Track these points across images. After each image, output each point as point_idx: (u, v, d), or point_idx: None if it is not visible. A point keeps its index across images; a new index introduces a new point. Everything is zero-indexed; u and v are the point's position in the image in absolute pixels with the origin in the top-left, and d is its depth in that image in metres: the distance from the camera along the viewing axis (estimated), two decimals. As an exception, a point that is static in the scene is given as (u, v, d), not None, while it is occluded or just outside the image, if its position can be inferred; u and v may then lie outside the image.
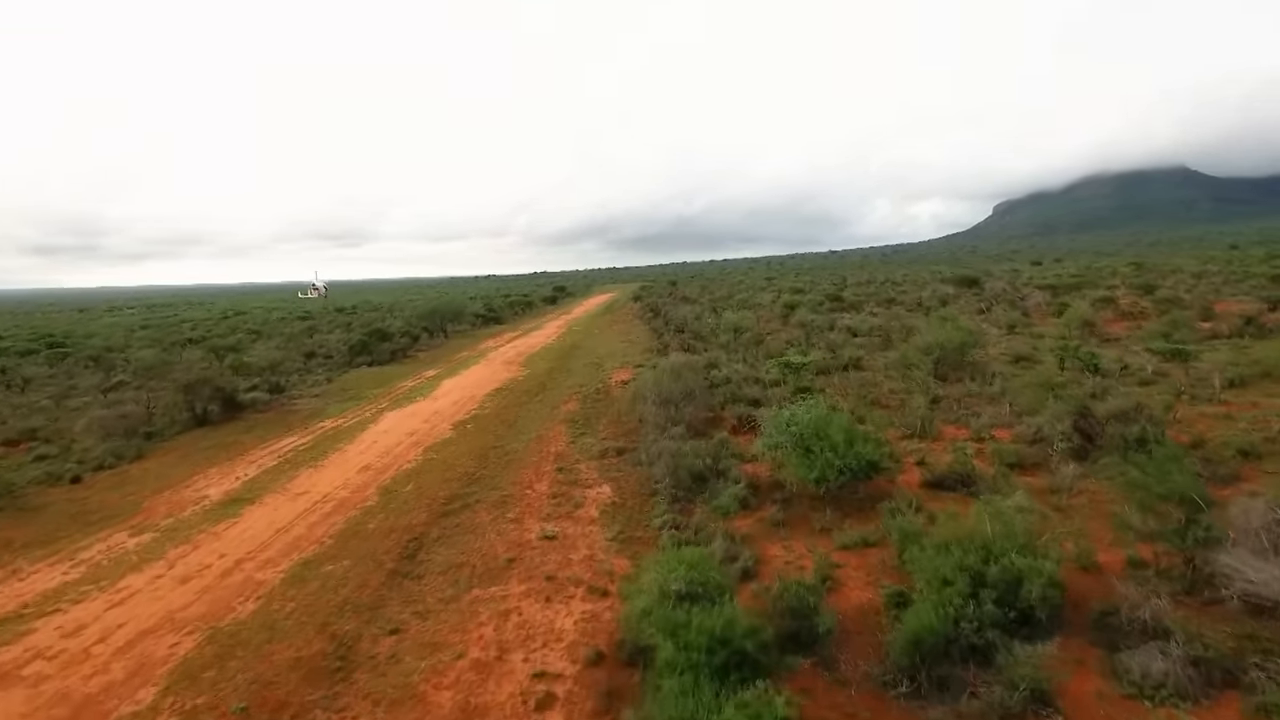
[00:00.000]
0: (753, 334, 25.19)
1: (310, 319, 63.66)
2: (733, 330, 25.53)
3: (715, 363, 18.70)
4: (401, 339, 32.07)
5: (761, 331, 27.14)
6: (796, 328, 26.85)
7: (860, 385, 14.98)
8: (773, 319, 34.34)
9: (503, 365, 24.76)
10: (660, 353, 23.40)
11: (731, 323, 25.61)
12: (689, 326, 27.25)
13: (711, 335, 26.37)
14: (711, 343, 23.95)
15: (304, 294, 57.49)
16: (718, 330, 26.56)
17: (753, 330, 26.22)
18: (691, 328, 27.16)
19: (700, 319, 28.44)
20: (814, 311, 32.32)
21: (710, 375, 16.06)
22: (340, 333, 45.27)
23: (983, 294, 42.72)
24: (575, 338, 33.16)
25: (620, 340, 30.33)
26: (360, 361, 26.71)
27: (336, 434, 15.13)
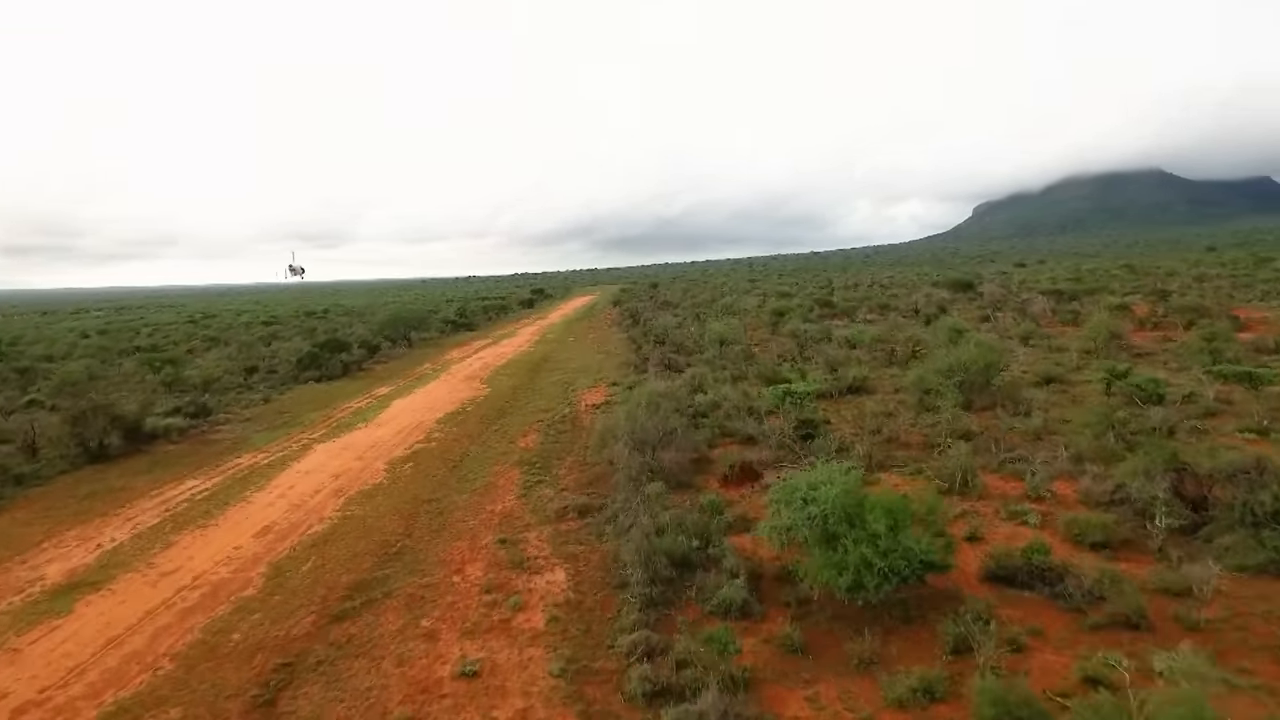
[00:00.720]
0: (741, 348, 22.87)
1: (275, 324, 60.70)
2: (718, 342, 23.19)
3: (700, 384, 16.32)
4: (359, 350, 29.44)
5: (750, 343, 24.83)
6: (788, 338, 24.55)
7: (873, 416, 12.65)
8: (760, 327, 32.08)
9: (464, 381, 22.23)
10: (638, 368, 21.00)
11: (717, 334, 23.27)
12: (670, 337, 24.90)
13: (695, 347, 24.01)
14: (695, 357, 21.58)
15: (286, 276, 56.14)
16: (702, 342, 24.21)
17: (740, 343, 23.90)
18: (673, 338, 24.81)
19: (682, 328, 26.13)
20: (805, 319, 30.08)
21: (695, 402, 13.66)
22: (300, 340, 42.52)
23: (980, 299, 40.79)
24: (548, 348, 30.68)
25: (595, 351, 27.89)
26: (308, 377, 24.07)
27: (250, 475, 12.56)
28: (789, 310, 32.77)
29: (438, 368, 26.06)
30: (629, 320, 39.79)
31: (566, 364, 24.60)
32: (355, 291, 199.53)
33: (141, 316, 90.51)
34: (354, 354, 26.87)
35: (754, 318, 37.20)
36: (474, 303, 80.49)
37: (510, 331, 40.41)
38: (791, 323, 29.62)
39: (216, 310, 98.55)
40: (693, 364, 20.59)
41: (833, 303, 37.90)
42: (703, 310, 41.22)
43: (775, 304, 37.88)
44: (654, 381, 12.70)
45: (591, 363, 24.41)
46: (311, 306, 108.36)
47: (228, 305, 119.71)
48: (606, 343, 31.05)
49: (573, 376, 21.54)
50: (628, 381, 18.30)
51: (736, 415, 12.54)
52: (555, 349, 29.91)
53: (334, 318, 68.07)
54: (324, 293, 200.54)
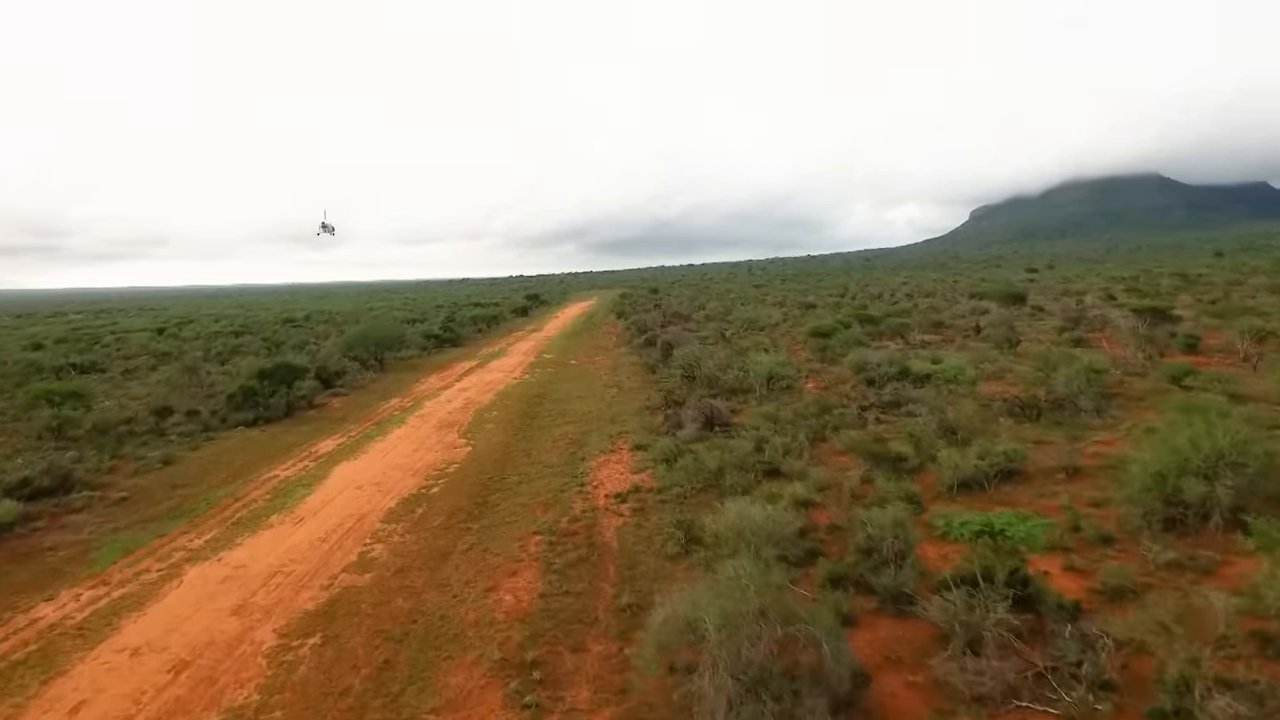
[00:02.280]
0: (796, 389, 17.65)
1: (246, 333, 55.28)
2: (766, 378, 17.94)
3: (771, 458, 11.11)
4: (311, 382, 24.10)
5: (802, 376, 19.61)
6: (851, 372, 19.31)
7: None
8: (798, 347, 26.81)
9: (436, 431, 16.93)
10: (667, 417, 15.69)
11: (765, 369, 17.97)
12: (701, 370, 19.61)
13: (736, 383, 18.74)
14: (749, 409, 16.31)
15: (319, 233, 52.71)
16: (741, 374, 18.94)
17: (792, 378, 18.64)
18: (705, 371, 19.52)
19: (713, 356, 20.85)
20: (854, 341, 24.86)
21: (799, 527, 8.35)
22: (261, 358, 37.13)
23: (1034, 310, 35.60)
24: (545, 375, 25.37)
25: (604, 383, 22.61)
26: (241, 419, 18.74)
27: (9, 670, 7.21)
28: (832, 330, 27.53)
29: (407, 405, 20.74)
30: (638, 336, 34.51)
31: (570, 404, 19.29)
32: (346, 294, 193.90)
33: (115, 321, 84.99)
34: (304, 386, 21.53)
35: (785, 333, 31.98)
36: (464, 310, 75.13)
37: (501, 349, 35.06)
38: (839, 344, 24.43)
39: (196, 315, 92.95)
40: (743, 416, 15.33)
41: (874, 318, 32.71)
42: (724, 325, 35.93)
43: (811, 320, 32.68)
44: (742, 505, 7.43)
45: (602, 403, 19.11)
46: (297, 310, 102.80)
47: (210, 309, 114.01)
48: (617, 368, 25.76)
49: (581, 428, 16.22)
50: (660, 448, 13.02)
51: (879, 569, 7.23)
52: (554, 377, 24.58)
53: (313, 325, 62.63)
54: (314, 295, 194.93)
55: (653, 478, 11.70)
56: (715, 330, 33.66)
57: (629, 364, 26.65)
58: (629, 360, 27.55)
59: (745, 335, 32.27)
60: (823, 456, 12.15)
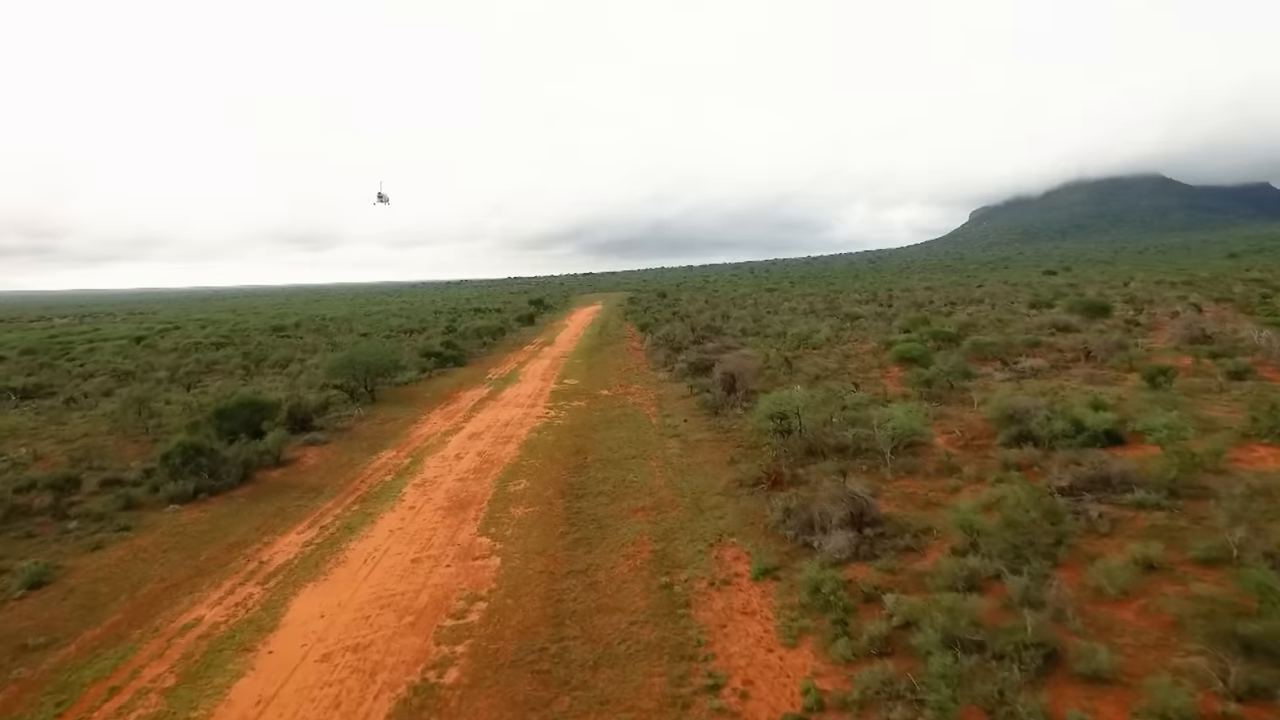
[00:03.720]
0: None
1: (227, 345, 50.23)
2: (897, 437, 12.98)
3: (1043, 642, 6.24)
4: (289, 417, 19.11)
5: (946, 444, 14.66)
6: (997, 424, 14.36)
7: None
8: (887, 375, 21.82)
9: (445, 518, 11.93)
10: (794, 522, 10.67)
11: (902, 425, 12.93)
12: (801, 422, 14.48)
13: (853, 445, 13.77)
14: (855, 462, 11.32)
15: (374, 203, 48.26)
16: (861, 435, 13.95)
17: (922, 431, 13.69)
18: (808, 425, 14.44)
19: (812, 400, 15.63)
20: (960, 370, 19.90)
21: None
22: (229, 391, 32.09)
23: (1131, 326, 30.59)
24: (576, 412, 20.32)
25: (658, 428, 17.56)
26: (178, 492, 13.72)
27: None
28: (923, 354, 22.55)
29: (404, 462, 15.68)
30: (671, 354, 29.54)
31: (624, 467, 14.24)
32: (341, 296, 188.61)
33: (98, 328, 79.86)
34: (271, 437, 16.51)
35: (854, 357, 27.02)
36: (466, 317, 70.02)
37: (514, 371, 30.02)
38: (942, 375, 19.50)
39: (184, 320, 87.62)
40: (894, 503, 10.38)
41: (953, 336, 27.77)
42: (774, 342, 30.88)
43: (902, 346, 27.73)
44: None
45: (668, 467, 14.07)
46: (290, 314, 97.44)
47: (200, 313, 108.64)
48: (663, 404, 20.76)
49: (656, 520, 11.16)
50: (807, 584, 8.04)
51: None
52: (588, 417, 19.56)
53: (302, 335, 57.56)
54: (309, 297, 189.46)
55: (827, 664, 6.75)
56: (766, 349, 28.65)
57: (676, 396, 21.66)
58: (675, 392, 22.55)
59: (795, 350, 27.26)
60: (1102, 617, 7.21)
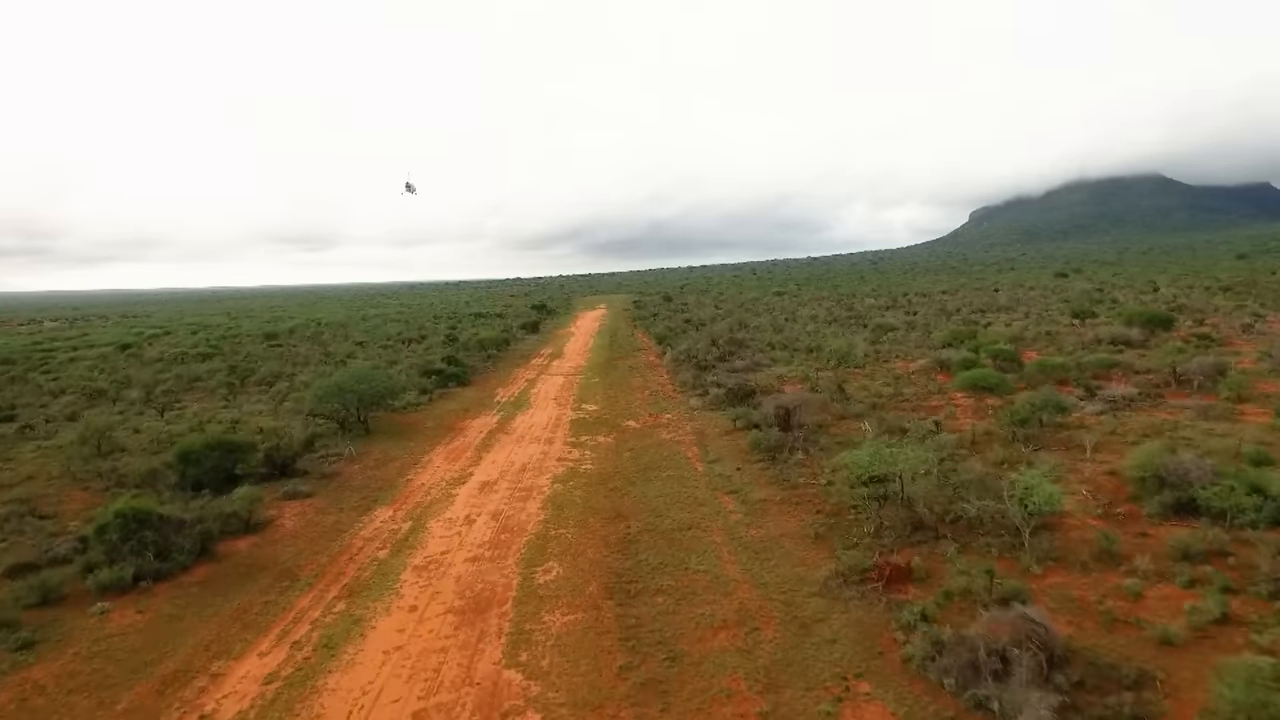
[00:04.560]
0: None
1: (216, 354, 47.22)
2: (1033, 508, 10.06)
3: None
4: (267, 460, 16.16)
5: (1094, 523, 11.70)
6: (1144, 488, 11.44)
7: None
8: (961, 405, 18.83)
9: (456, 628, 8.94)
10: (952, 663, 7.74)
11: (1047, 497, 9.96)
12: (903, 484, 11.48)
13: (980, 518, 10.83)
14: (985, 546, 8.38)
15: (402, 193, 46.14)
16: (985, 507, 11.01)
17: (1049, 500, 10.76)
18: (911, 491, 11.48)
19: (912, 456, 12.58)
20: (1053, 403, 16.94)
21: None
22: (217, 402, 29.09)
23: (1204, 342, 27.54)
24: (604, 455, 17.32)
25: (709, 481, 14.63)
26: (111, 580, 10.70)
27: None
28: (998, 382, 19.56)
29: (400, 528, 12.69)
30: (698, 373, 26.61)
31: (680, 547, 11.23)
32: (339, 298, 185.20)
33: (86, 333, 76.83)
34: (238, 497, 13.55)
35: (906, 377, 24.04)
36: (466, 323, 66.93)
37: (523, 392, 27.00)
38: (1033, 409, 16.51)
39: (176, 324, 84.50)
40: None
41: (1012, 355, 24.77)
42: (814, 361, 27.86)
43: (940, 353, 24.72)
44: None
45: (739, 546, 11.06)
46: (285, 317, 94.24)
47: (194, 316, 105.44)
48: (705, 442, 17.81)
49: (745, 649, 8.18)
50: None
51: None
52: (619, 461, 16.51)
53: (296, 343, 54.57)
54: (306, 299, 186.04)
55: None
56: (803, 369, 25.65)
57: (718, 432, 18.69)
58: (715, 425, 19.57)
59: (834, 369, 24.24)
60: None
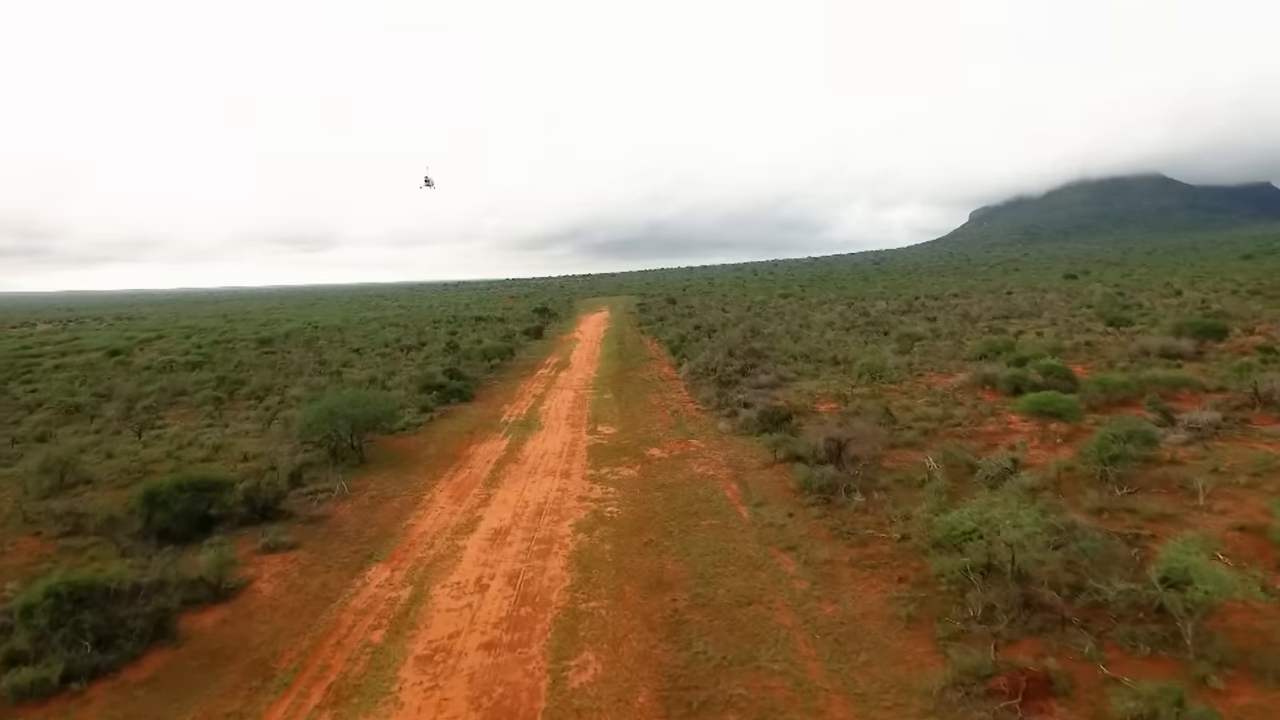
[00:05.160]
0: None
1: (206, 363, 45.10)
2: (1199, 597, 8.04)
3: None
4: (245, 503, 14.07)
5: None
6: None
7: None
8: (991, 421, 16.69)
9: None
10: None
11: (1218, 587, 7.95)
12: (1013, 557, 9.36)
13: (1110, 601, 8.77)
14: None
15: (421, 187, 45.13)
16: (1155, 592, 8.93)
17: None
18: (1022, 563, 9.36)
19: (1019, 514, 10.48)
20: (1141, 433, 14.88)
21: None
22: (201, 419, 26.94)
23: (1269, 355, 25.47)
24: (630, 498, 15.26)
25: (766, 535, 12.44)
26: (36, 684, 8.62)
27: None
28: (1068, 407, 17.48)
29: (399, 604, 10.56)
30: (719, 389, 24.55)
31: (754, 648, 8.94)
32: (337, 299, 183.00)
33: (77, 336, 74.67)
34: (205, 562, 11.47)
35: (952, 395, 21.95)
36: (467, 328, 64.80)
37: (531, 409, 24.85)
38: (1122, 440, 14.42)
39: (170, 327, 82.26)
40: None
41: (1066, 373, 22.67)
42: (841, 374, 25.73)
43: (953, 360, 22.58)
44: None
45: (827, 650, 8.86)
46: (281, 320, 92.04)
47: (189, 318, 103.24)
48: (745, 473, 15.73)
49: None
50: None
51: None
52: (653, 504, 14.30)
53: (290, 349, 52.47)
54: (303, 300, 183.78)
55: None
56: (833, 384, 23.55)
57: (757, 464, 16.56)
58: (749, 454, 17.46)
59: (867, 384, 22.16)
60: None
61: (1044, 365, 22.60)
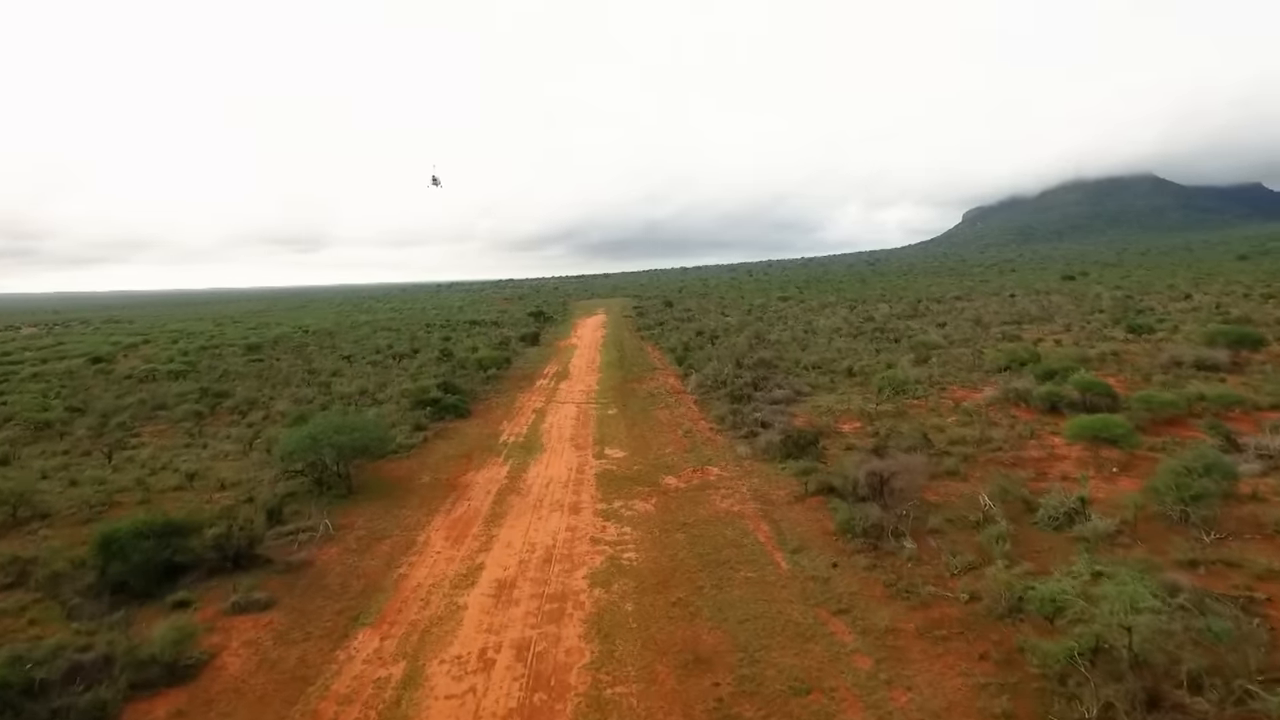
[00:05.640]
0: None
1: (190, 372, 43.28)
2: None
3: None
4: (215, 550, 12.42)
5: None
6: None
7: None
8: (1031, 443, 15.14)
9: None
10: None
11: None
12: (1133, 649, 7.83)
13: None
14: None
15: (429, 186, 45.01)
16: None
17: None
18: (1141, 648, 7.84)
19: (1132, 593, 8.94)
20: (1222, 467, 13.40)
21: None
22: (179, 438, 25.16)
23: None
24: (646, 532, 13.56)
25: (809, 591, 10.74)
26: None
27: None
28: (1125, 433, 15.94)
29: (390, 685, 8.92)
30: (734, 406, 23.01)
31: None
32: (329, 301, 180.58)
33: (61, 341, 72.53)
34: (160, 639, 9.77)
35: (978, 412, 20.38)
36: (461, 331, 63.11)
37: (531, 427, 23.17)
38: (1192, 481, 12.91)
39: (158, 331, 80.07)
40: None
41: (1107, 390, 21.12)
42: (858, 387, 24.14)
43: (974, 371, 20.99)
44: None
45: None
46: (271, 323, 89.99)
47: (178, 321, 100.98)
48: (774, 508, 14.11)
49: None
50: None
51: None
52: (675, 549, 12.55)
53: (278, 356, 50.67)
54: (294, 301, 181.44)
55: None
56: (854, 399, 22.01)
57: (786, 496, 14.98)
58: (775, 484, 15.89)
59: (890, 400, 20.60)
60: None
61: (1081, 381, 21.07)
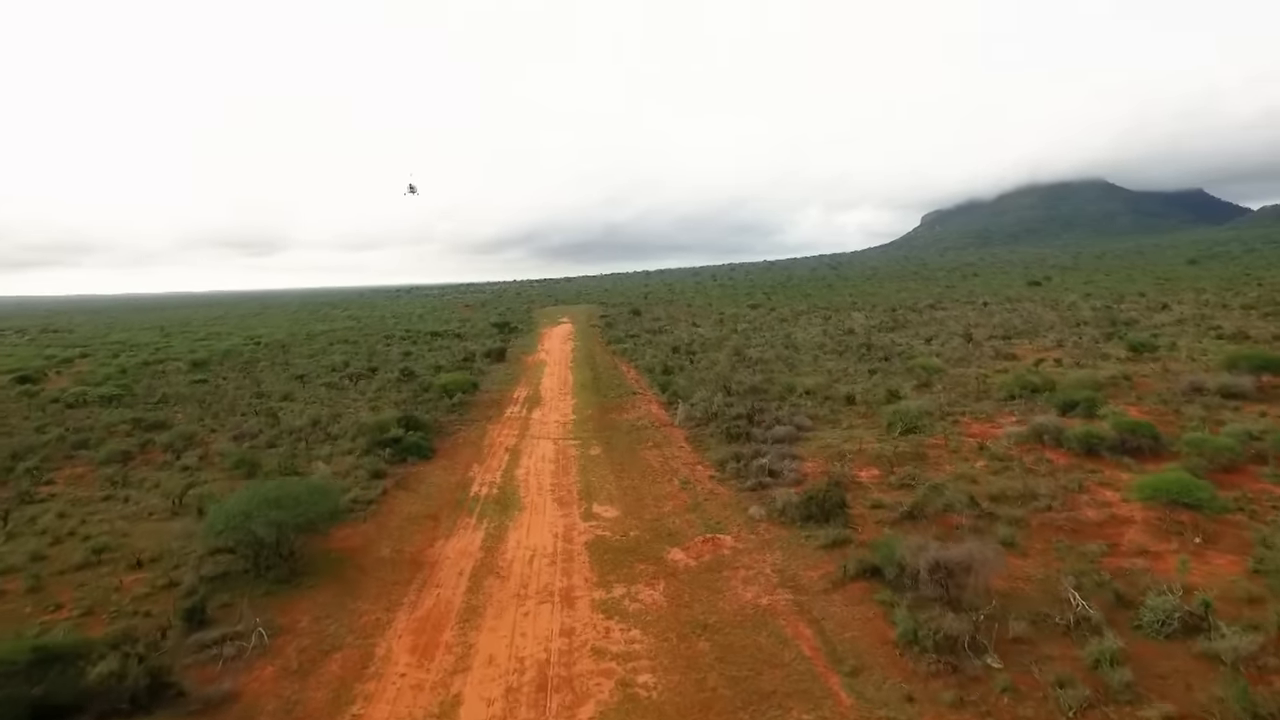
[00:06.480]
0: None
1: (124, 395, 39.38)
2: None
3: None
4: (120, 682, 9.59)
5: None
6: None
7: None
8: (1085, 499, 13.01)
9: None
10: None
11: None
12: None
13: None
14: None
15: (404, 194, 41.41)
16: None
17: None
18: None
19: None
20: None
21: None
22: (96, 487, 21.75)
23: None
24: (660, 645, 10.94)
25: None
26: None
27: None
28: (1200, 496, 13.89)
29: None
30: (734, 448, 20.64)
31: None
32: (284, 306, 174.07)
33: None
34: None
35: (1008, 457, 18.23)
36: (422, 344, 59.83)
37: (505, 476, 20.34)
38: None
39: (99, 343, 74.84)
40: None
41: (1150, 429, 19.20)
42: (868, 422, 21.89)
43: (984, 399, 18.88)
44: None
45: None
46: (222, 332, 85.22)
47: (122, 331, 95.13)
48: (812, 602, 11.59)
49: None
50: None
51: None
52: (705, 672, 9.92)
53: (225, 375, 46.89)
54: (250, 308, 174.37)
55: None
56: (867, 438, 19.73)
57: (819, 580, 12.56)
58: (807, 562, 13.46)
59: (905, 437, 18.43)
60: None
61: (1122, 423, 19.02)
